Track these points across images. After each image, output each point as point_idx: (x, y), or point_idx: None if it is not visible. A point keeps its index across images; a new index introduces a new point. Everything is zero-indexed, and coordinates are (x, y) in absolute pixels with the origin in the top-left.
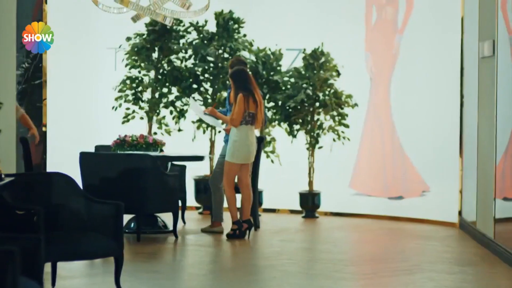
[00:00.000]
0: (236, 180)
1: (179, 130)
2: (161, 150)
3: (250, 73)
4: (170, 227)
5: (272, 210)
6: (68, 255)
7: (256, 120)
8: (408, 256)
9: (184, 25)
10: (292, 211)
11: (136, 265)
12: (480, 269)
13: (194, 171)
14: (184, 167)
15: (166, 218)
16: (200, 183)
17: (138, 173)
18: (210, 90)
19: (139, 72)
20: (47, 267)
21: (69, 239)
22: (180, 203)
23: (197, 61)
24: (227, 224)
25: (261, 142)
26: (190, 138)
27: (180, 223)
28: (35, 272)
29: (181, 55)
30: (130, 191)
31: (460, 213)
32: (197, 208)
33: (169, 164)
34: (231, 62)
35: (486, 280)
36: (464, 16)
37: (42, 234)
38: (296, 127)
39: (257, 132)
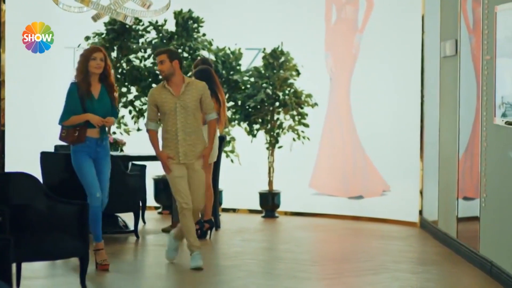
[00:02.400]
0: None
1: (138, 129)
2: (122, 150)
3: (214, 73)
4: (131, 227)
5: (232, 210)
6: (34, 255)
7: (219, 120)
8: (371, 256)
9: (143, 25)
10: (251, 211)
11: None
12: (444, 268)
13: (153, 170)
14: (144, 166)
15: (126, 218)
16: (160, 182)
17: None
18: None
19: None
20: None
21: (34, 239)
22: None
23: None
24: None
25: (222, 141)
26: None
27: (140, 223)
28: (4, 272)
29: (140, 54)
30: None
31: (420, 212)
32: (156, 208)
33: (130, 164)
34: (196, 63)
35: (450, 279)
36: (425, 15)
37: (11, 235)
38: (256, 126)
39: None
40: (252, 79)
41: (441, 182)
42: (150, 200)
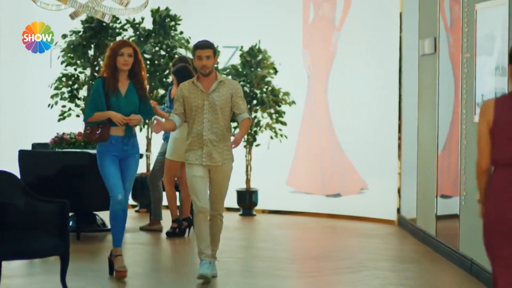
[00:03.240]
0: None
1: None
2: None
3: (192, 71)
4: (109, 225)
5: None
6: (14, 254)
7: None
8: (350, 254)
9: (120, 22)
10: (229, 209)
11: (78, 264)
12: (423, 266)
13: None
14: None
15: (103, 216)
16: (137, 181)
17: (78, 171)
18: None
19: (75, 69)
20: None
21: (14, 238)
22: None
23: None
24: (166, 222)
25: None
26: None
27: None
28: None
29: None
30: (69, 189)
31: (398, 210)
32: (133, 206)
33: None
34: (174, 61)
35: (430, 277)
36: (403, 13)
37: None
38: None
39: None
40: (229, 77)
41: (419, 180)
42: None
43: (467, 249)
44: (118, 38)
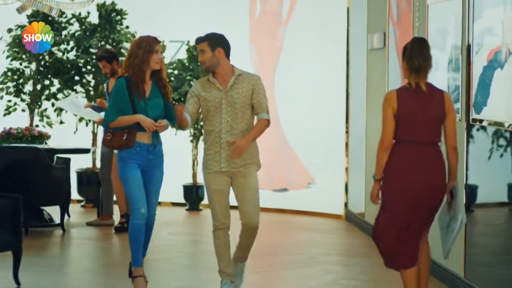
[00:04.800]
0: None
1: (61, 122)
2: (46, 143)
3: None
4: (56, 221)
5: None
6: None
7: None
8: (301, 249)
9: (66, 17)
10: (174, 204)
11: (28, 259)
12: (374, 261)
13: (76, 163)
14: (68, 160)
15: (50, 211)
16: (83, 175)
17: (25, 166)
18: (93, 82)
19: (21, 64)
20: None
21: None
22: None
23: (79, 53)
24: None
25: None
26: (72, 130)
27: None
28: None
29: (63, 46)
30: (17, 184)
31: (346, 205)
32: (79, 201)
33: (55, 157)
34: (97, 54)
35: (382, 272)
36: (350, 7)
37: None
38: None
39: None
40: (176, 72)
41: (368, 175)
42: (73, 193)
43: None
44: (64, 33)
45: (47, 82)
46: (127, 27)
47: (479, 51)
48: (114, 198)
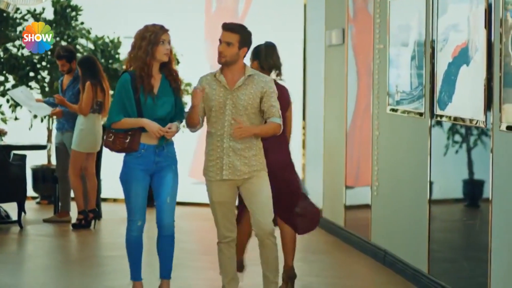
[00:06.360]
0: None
1: (16, 118)
2: (2, 140)
3: (98, 61)
4: (13, 217)
5: (112, 200)
6: None
7: (103, 109)
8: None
9: (21, 13)
10: None
11: None
12: (336, 257)
13: (31, 160)
14: (24, 156)
15: (6, 207)
16: (38, 172)
17: None
18: (48, 78)
19: None
20: None
21: None
22: None
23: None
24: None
25: (105, 130)
26: (27, 127)
27: None
28: None
29: (18, 43)
30: None
31: None
32: (34, 198)
33: (12, 153)
34: (57, 52)
35: (344, 268)
36: (307, 4)
37: None
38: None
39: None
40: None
41: (326, 171)
42: (29, 190)
43: (379, 240)
44: (19, 29)
45: (1, 78)
46: (82, 23)
47: (443, 47)
48: (72, 194)
